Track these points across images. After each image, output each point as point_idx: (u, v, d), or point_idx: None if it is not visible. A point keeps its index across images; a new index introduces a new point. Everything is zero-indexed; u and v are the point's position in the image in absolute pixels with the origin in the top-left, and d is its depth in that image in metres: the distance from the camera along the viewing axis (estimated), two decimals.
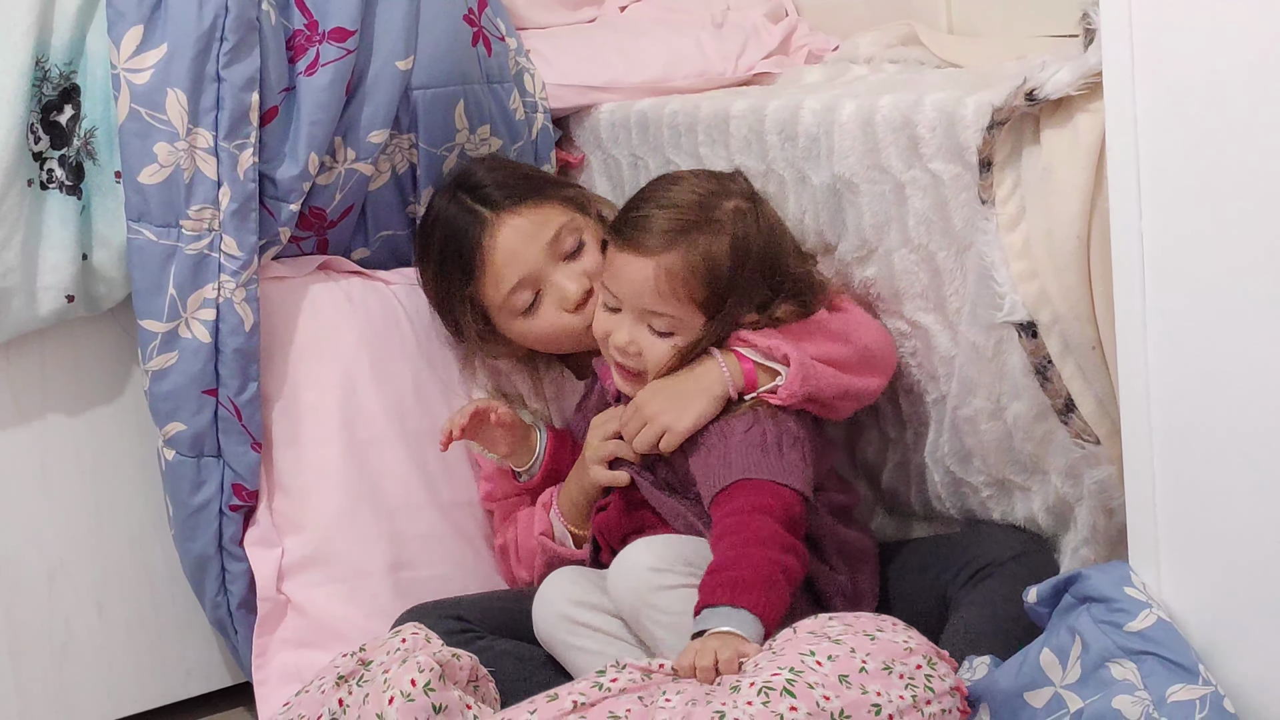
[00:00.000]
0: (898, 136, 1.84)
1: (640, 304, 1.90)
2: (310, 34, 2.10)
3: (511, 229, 2.09)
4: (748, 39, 2.57)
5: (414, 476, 2.16)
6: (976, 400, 1.84)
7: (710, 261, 1.87)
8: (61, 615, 2.22)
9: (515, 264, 2.08)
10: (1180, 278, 1.45)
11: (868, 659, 1.55)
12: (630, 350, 1.92)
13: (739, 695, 1.51)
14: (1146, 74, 1.44)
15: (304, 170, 2.09)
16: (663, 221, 1.89)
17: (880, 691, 1.53)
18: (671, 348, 1.91)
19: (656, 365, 1.92)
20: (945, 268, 1.85)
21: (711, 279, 1.87)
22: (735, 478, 1.81)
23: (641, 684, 1.60)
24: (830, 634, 1.59)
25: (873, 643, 1.58)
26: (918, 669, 1.57)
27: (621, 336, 1.92)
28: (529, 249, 2.08)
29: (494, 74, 2.30)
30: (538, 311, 2.10)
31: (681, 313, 1.89)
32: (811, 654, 1.55)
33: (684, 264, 1.87)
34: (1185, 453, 1.48)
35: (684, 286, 1.87)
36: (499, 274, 2.09)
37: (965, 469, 1.94)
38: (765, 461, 1.82)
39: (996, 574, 1.86)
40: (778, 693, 1.49)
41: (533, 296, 2.10)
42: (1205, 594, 1.51)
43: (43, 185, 2.06)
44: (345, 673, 1.73)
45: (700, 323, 1.89)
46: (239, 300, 2.04)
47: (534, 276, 2.09)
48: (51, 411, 2.19)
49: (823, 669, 1.53)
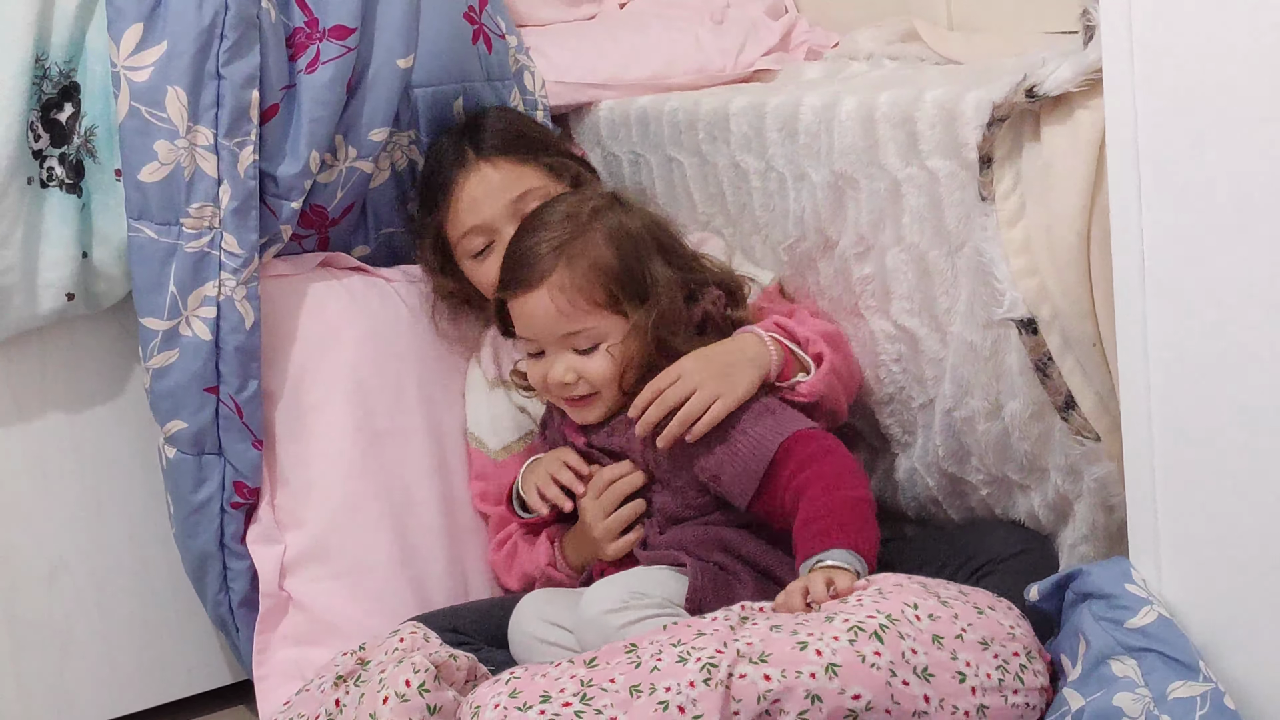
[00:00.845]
0: (897, 132, 1.84)
1: (553, 333, 1.93)
2: (310, 31, 2.10)
3: (481, 177, 2.16)
4: (747, 35, 2.57)
5: (417, 472, 2.17)
6: (973, 400, 1.84)
7: (595, 263, 1.91)
8: (62, 613, 2.22)
9: (475, 210, 2.16)
10: (1181, 274, 1.45)
11: (968, 629, 1.55)
12: (568, 379, 1.94)
13: (830, 626, 1.51)
14: (1146, 70, 1.44)
15: (305, 168, 2.09)
16: (534, 250, 1.94)
17: (970, 662, 1.53)
18: (607, 359, 1.92)
19: (605, 378, 1.93)
20: (936, 268, 1.85)
21: (605, 278, 1.91)
22: (785, 434, 1.83)
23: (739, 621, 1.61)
24: (940, 594, 1.59)
25: (979, 616, 1.57)
26: (1014, 655, 1.56)
27: (556, 372, 1.94)
28: (492, 201, 2.15)
29: (494, 71, 2.30)
30: (486, 260, 2.16)
31: (593, 322, 1.91)
32: (915, 606, 1.55)
33: (570, 276, 1.90)
34: (1186, 449, 1.49)
35: (581, 296, 1.90)
36: (459, 214, 2.17)
37: (963, 468, 1.94)
38: (800, 418, 1.86)
39: (997, 571, 1.86)
40: (868, 634, 1.50)
41: (485, 244, 2.16)
42: (1206, 590, 1.51)
43: (42, 183, 2.06)
44: (344, 672, 1.73)
45: (619, 323, 1.91)
46: (240, 298, 2.04)
47: (489, 226, 2.15)
48: (51, 409, 2.19)
49: (920, 624, 1.53)
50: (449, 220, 2.18)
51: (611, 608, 1.80)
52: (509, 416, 2.20)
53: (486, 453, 2.19)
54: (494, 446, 2.19)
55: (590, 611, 1.81)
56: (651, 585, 1.83)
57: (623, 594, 1.81)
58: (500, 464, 2.18)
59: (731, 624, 1.59)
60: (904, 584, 1.61)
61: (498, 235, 2.14)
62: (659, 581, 1.84)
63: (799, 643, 1.50)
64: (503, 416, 2.20)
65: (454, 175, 2.17)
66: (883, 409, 2.04)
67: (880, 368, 2.00)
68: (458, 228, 2.17)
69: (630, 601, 1.80)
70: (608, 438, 1.98)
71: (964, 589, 1.64)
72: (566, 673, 1.57)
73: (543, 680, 1.56)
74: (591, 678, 1.54)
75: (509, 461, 2.18)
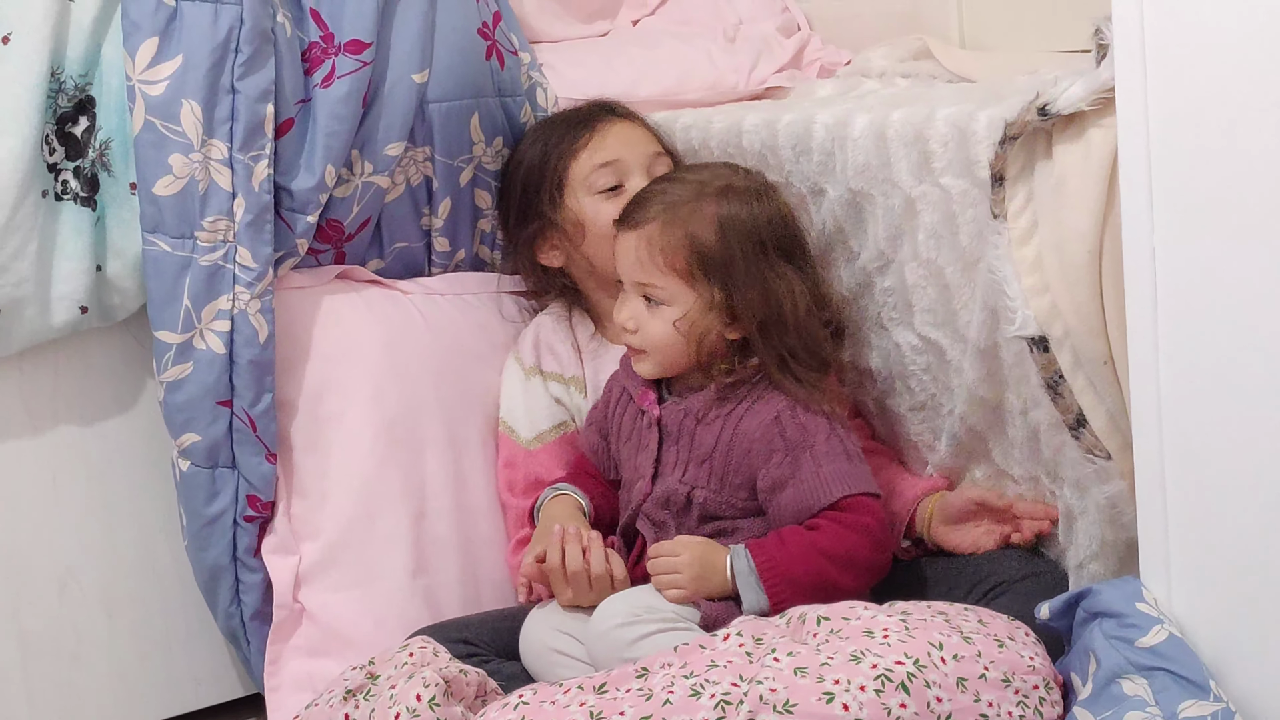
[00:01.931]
0: (909, 151, 1.85)
1: (632, 277, 1.96)
2: (326, 46, 2.11)
3: (628, 127, 2.24)
4: (760, 53, 2.58)
5: (433, 483, 2.17)
6: (1011, 397, 1.85)
7: (690, 234, 1.92)
8: (71, 624, 2.22)
9: (617, 148, 2.21)
10: (1192, 293, 1.45)
11: (990, 666, 1.55)
12: (630, 326, 1.96)
13: (857, 670, 1.51)
14: (1159, 89, 1.45)
15: (320, 182, 2.10)
16: (650, 197, 1.99)
17: (993, 703, 1.53)
18: (667, 325, 1.93)
19: (656, 340, 1.94)
20: (954, 282, 1.85)
21: (692, 251, 1.92)
22: (851, 492, 1.86)
23: (753, 645, 1.61)
24: (963, 629, 1.59)
25: (1000, 650, 1.57)
26: (1034, 689, 1.56)
27: (623, 313, 1.97)
28: (634, 147, 2.21)
29: (506, 87, 2.31)
30: (609, 202, 2.16)
31: (665, 283, 1.93)
32: (940, 647, 1.55)
33: (662, 234, 1.93)
34: (1197, 468, 1.49)
35: (663, 256, 1.92)
36: (602, 146, 2.21)
37: (1008, 460, 1.94)
38: (867, 477, 1.90)
39: (1008, 592, 1.87)
40: (894, 685, 1.50)
41: (614, 182, 2.19)
42: (1216, 609, 1.51)
43: (57, 196, 2.07)
44: (353, 686, 1.73)
45: (690, 296, 1.92)
46: (254, 311, 2.05)
47: (625, 167, 2.20)
48: (63, 421, 2.19)
49: (945, 667, 1.53)
50: (584, 152, 2.21)
51: (623, 622, 1.80)
52: (544, 407, 2.20)
53: (518, 441, 2.19)
54: (526, 435, 2.19)
55: (602, 626, 1.81)
56: (663, 600, 1.83)
57: (634, 608, 1.81)
58: (531, 453, 2.18)
59: (747, 649, 1.59)
60: (927, 617, 1.60)
61: (627, 181, 2.18)
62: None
63: (825, 693, 1.49)
64: (538, 406, 2.20)
65: (599, 118, 2.23)
66: (915, 415, 2.05)
67: (910, 378, 2.01)
68: (593, 159, 2.20)
69: (642, 616, 1.80)
70: (680, 417, 1.97)
71: (983, 617, 1.63)
72: (575, 699, 1.56)
73: (551, 709, 1.56)
74: (601, 709, 1.54)
75: (540, 451, 2.18)
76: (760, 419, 1.90)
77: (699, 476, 1.94)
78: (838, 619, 1.61)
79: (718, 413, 1.93)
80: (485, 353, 2.27)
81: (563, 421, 2.20)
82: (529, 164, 2.26)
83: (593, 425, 2.12)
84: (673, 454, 1.97)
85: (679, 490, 1.94)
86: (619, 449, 2.06)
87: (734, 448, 1.91)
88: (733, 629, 1.64)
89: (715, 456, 1.93)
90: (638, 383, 2.02)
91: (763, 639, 1.61)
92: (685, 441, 1.95)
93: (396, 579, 2.11)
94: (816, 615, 1.63)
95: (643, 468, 1.99)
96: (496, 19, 2.30)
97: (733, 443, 1.91)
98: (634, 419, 2.03)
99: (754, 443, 1.89)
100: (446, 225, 2.31)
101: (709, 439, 1.93)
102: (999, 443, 1.93)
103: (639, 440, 2.01)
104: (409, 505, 2.14)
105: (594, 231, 2.18)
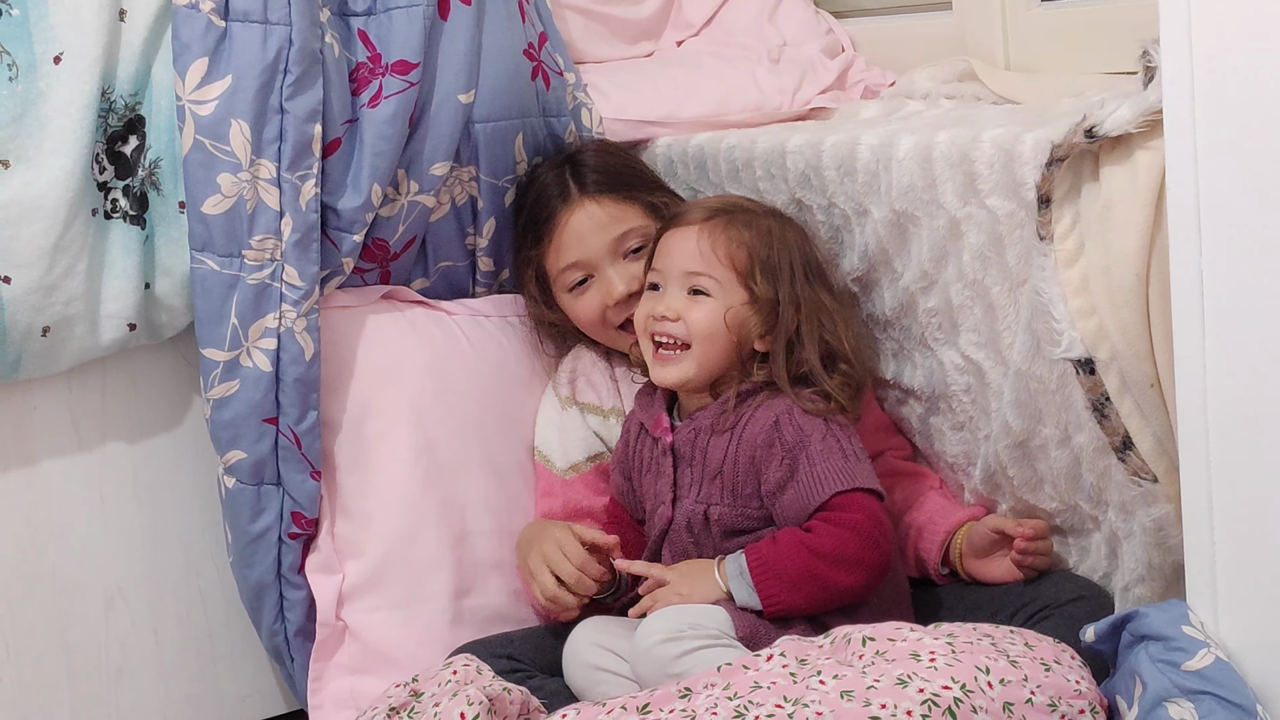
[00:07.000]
0: (955, 172, 1.85)
1: (682, 267, 1.98)
2: (373, 67, 2.12)
3: (586, 214, 2.21)
4: (804, 74, 2.58)
5: (477, 504, 2.17)
6: (1045, 429, 1.84)
7: (750, 237, 1.98)
8: (118, 640, 2.23)
9: (578, 245, 2.20)
10: (1240, 316, 1.44)
11: (1037, 691, 1.54)
12: (671, 316, 1.97)
13: (904, 695, 1.50)
14: (1207, 112, 1.44)
15: (367, 201, 2.11)
16: (707, 204, 2.06)
17: None
18: (716, 315, 1.95)
19: (702, 329, 1.96)
20: (999, 303, 1.85)
21: (751, 250, 1.97)
22: (844, 487, 1.87)
23: (798, 665, 1.61)
24: (1010, 653, 1.58)
25: (1046, 674, 1.57)
26: (1080, 713, 1.56)
27: (661, 306, 1.98)
28: (595, 237, 2.20)
29: (551, 108, 2.32)
30: (584, 294, 2.21)
31: (721, 275, 1.97)
32: (986, 671, 1.54)
33: (725, 230, 1.99)
34: (1244, 491, 1.48)
35: (724, 249, 1.97)
36: (561, 248, 2.21)
37: (1037, 496, 1.93)
38: (867, 470, 1.90)
39: (1054, 615, 1.86)
40: (941, 711, 1.49)
41: (583, 278, 2.21)
42: (1264, 633, 1.50)
43: (107, 215, 2.09)
44: (397, 704, 1.74)
45: (740, 292, 1.96)
46: (300, 330, 2.06)
47: (590, 262, 2.20)
48: (111, 439, 2.21)
49: (992, 692, 1.52)
50: (550, 252, 2.22)
51: (667, 638, 1.80)
52: (579, 438, 2.21)
53: (554, 470, 2.20)
54: (561, 465, 2.20)
55: (645, 642, 1.81)
56: (706, 616, 1.84)
57: (678, 625, 1.81)
58: (568, 482, 2.19)
59: (791, 670, 1.58)
60: (973, 641, 1.60)
61: (597, 271, 2.20)
62: (713, 613, 1.84)
63: (872, 718, 1.48)
64: (572, 439, 2.21)
65: (557, 210, 2.22)
66: (955, 435, 2.05)
67: (952, 398, 2.01)
68: (558, 262, 2.22)
69: (685, 632, 1.80)
70: (692, 437, 1.98)
71: (1029, 640, 1.63)
72: None
73: None
74: None
75: (576, 480, 2.19)
76: (762, 425, 1.93)
77: (712, 493, 1.96)
78: (883, 640, 1.60)
79: (724, 425, 1.95)
80: (528, 378, 2.28)
81: (599, 453, 2.21)
82: (516, 241, 2.30)
83: (618, 468, 2.13)
84: (688, 475, 1.99)
85: (697, 510, 1.97)
86: (640, 482, 2.07)
87: (740, 457, 1.93)
88: (776, 649, 1.63)
89: (725, 470, 1.95)
90: (652, 412, 2.05)
91: (806, 660, 1.61)
92: (698, 460, 1.97)
93: (439, 601, 2.11)
94: (862, 636, 1.62)
95: (662, 494, 2.01)
96: (542, 40, 2.32)
97: (739, 453, 1.93)
98: (650, 449, 2.05)
99: (757, 449, 1.92)
100: (491, 245, 2.32)
101: (718, 454, 1.95)
102: (1026, 481, 1.94)
103: (657, 468, 2.03)
104: (450, 527, 2.15)
105: (574, 318, 2.24)
